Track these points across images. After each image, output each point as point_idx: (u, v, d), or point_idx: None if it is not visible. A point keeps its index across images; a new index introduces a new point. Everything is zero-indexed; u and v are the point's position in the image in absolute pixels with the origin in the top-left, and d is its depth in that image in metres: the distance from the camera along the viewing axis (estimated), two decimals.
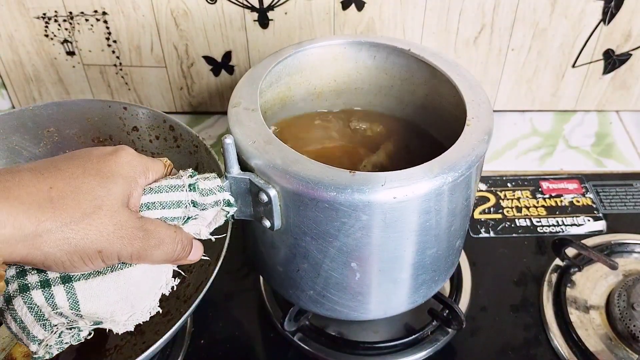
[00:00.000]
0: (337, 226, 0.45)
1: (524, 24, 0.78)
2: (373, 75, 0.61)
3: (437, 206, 0.46)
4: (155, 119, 0.61)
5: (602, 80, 0.86)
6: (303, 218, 0.45)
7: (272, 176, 0.44)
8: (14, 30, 0.78)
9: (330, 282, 0.50)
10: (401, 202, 0.43)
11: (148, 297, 0.43)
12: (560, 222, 0.74)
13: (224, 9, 0.76)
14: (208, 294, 0.49)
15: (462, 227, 0.53)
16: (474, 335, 0.63)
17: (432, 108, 0.58)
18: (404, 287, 0.52)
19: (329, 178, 0.43)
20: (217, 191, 0.45)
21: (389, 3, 0.76)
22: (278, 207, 0.46)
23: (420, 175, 0.44)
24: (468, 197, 0.49)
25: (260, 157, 0.45)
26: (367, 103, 0.63)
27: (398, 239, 0.47)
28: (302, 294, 0.53)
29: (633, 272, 0.67)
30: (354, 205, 0.43)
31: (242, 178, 0.46)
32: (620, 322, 0.61)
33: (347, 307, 0.53)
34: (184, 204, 0.43)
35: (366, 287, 0.51)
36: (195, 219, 0.44)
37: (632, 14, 0.78)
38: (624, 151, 0.85)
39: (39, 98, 0.86)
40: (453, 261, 0.56)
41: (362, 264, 0.48)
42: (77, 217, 0.37)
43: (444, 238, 0.50)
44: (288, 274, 0.52)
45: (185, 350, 0.61)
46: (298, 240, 0.48)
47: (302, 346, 0.61)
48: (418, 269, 0.51)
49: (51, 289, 0.39)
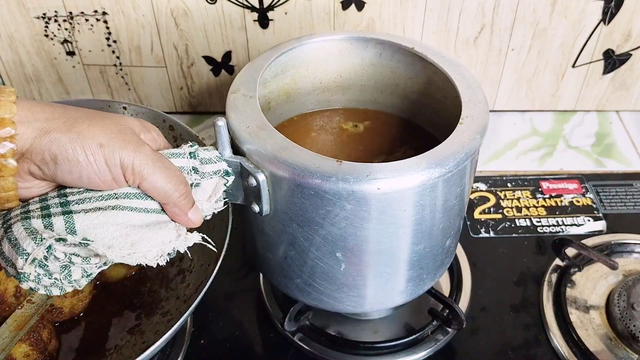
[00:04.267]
0: (322, 214, 0.45)
1: (524, 24, 0.78)
2: (379, 73, 0.61)
3: (423, 201, 0.45)
4: (155, 118, 0.61)
5: (602, 80, 0.86)
6: (290, 204, 0.46)
7: (261, 161, 0.45)
8: (14, 30, 0.78)
9: (316, 271, 0.51)
10: (385, 193, 0.43)
11: (152, 242, 0.43)
12: (560, 222, 0.74)
13: (224, 9, 0.76)
14: (208, 294, 0.49)
15: (453, 226, 0.52)
16: (474, 335, 0.63)
17: (436, 108, 0.58)
18: (390, 282, 0.52)
19: (316, 165, 0.43)
20: (216, 160, 0.46)
21: (389, 3, 0.76)
22: (267, 191, 0.46)
23: (405, 168, 0.44)
24: (459, 196, 0.49)
25: (252, 142, 0.46)
26: (372, 100, 0.63)
27: (383, 232, 0.47)
28: (290, 282, 0.54)
29: (633, 272, 0.67)
30: (338, 193, 0.43)
31: (234, 161, 0.47)
32: (620, 322, 0.61)
33: (333, 299, 0.53)
34: (185, 170, 0.45)
35: (351, 279, 0.51)
36: (197, 186, 0.46)
37: (632, 14, 0.78)
38: (624, 151, 0.85)
39: (39, 98, 0.86)
40: (443, 261, 0.56)
41: (346, 254, 0.48)
42: (85, 116, 0.40)
43: (432, 235, 0.50)
44: (277, 261, 0.53)
45: (185, 350, 0.61)
46: (285, 226, 0.48)
47: (302, 346, 0.61)
48: (404, 265, 0.51)
49: (51, 219, 0.40)
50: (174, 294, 0.61)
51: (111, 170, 0.40)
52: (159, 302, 0.61)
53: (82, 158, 0.39)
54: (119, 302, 0.61)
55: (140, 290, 0.62)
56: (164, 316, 0.59)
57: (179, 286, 0.61)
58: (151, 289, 0.62)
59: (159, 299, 0.61)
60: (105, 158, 0.39)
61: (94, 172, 0.40)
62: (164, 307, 0.60)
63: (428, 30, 0.79)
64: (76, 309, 0.59)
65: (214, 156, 0.46)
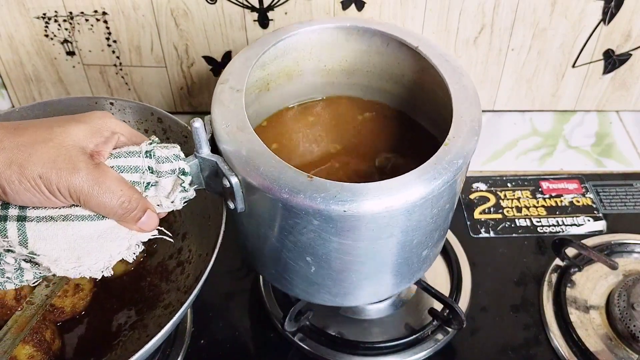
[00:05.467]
0: (291, 224, 0.45)
1: (524, 24, 0.78)
2: (384, 62, 0.60)
3: (393, 223, 0.45)
4: (143, 112, 0.61)
5: (602, 80, 0.86)
6: (261, 210, 0.46)
7: (235, 164, 0.45)
8: (14, 30, 0.78)
9: (288, 268, 0.51)
10: (352, 215, 0.43)
11: (99, 255, 0.44)
12: (560, 222, 0.74)
13: (224, 9, 0.76)
14: (208, 294, 0.49)
15: (431, 239, 0.52)
16: (474, 335, 0.63)
17: (438, 106, 0.57)
18: (362, 286, 0.52)
19: (285, 179, 0.43)
20: (173, 159, 0.46)
21: (389, 3, 0.76)
22: (240, 193, 0.46)
23: (375, 191, 0.43)
24: (437, 215, 0.48)
25: (229, 143, 0.46)
26: (378, 88, 0.62)
27: (351, 247, 0.46)
28: (266, 270, 0.55)
29: (633, 272, 0.67)
30: (305, 210, 0.43)
31: (210, 160, 0.47)
32: (620, 322, 0.61)
33: (305, 292, 0.54)
34: (141, 169, 0.45)
35: (321, 279, 0.51)
36: (155, 186, 0.46)
37: (632, 14, 0.78)
38: (624, 151, 0.85)
39: (39, 98, 0.86)
40: (420, 267, 0.55)
41: (316, 260, 0.48)
42: (28, 142, 0.41)
43: (405, 250, 0.49)
44: (254, 251, 0.54)
45: (185, 350, 0.61)
46: (259, 226, 0.49)
47: (302, 346, 0.61)
48: (376, 273, 0.51)
49: (6, 223, 0.42)
50: (175, 286, 0.61)
51: (55, 196, 0.41)
52: (159, 295, 0.61)
53: (27, 188, 0.41)
54: (120, 298, 0.61)
55: (140, 285, 0.62)
56: (166, 308, 0.59)
57: (179, 278, 0.61)
58: (151, 283, 0.62)
59: (159, 293, 0.61)
60: (47, 187, 0.41)
61: (41, 199, 0.42)
62: (165, 300, 0.60)
63: (428, 30, 0.79)
64: (77, 308, 0.59)
65: (171, 155, 0.46)
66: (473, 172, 0.82)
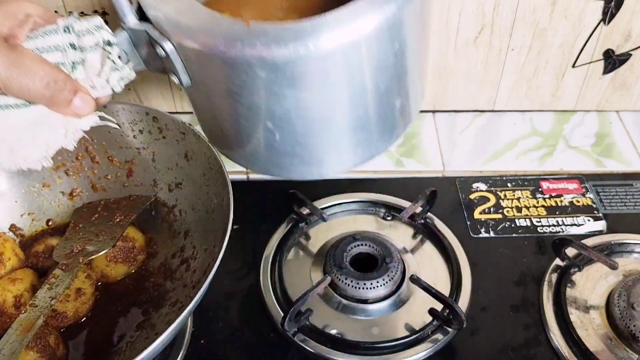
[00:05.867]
0: (238, 84, 0.40)
1: (524, 24, 0.78)
2: None
3: (347, 63, 0.39)
4: (137, 112, 0.60)
5: (602, 80, 0.86)
6: (204, 76, 0.42)
7: (166, 28, 0.41)
8: None
9: (252, 142, 0.46)
10: (299, 58, 0.38)
11: (34, 145, 0.41)
12: (560, 222, 0.74)
13: None
14: (208, 294, 0.49)
15: (402, 86, 0.46)
16: (474, 335, 0.63)
17: None
18: (334, 149, 0.47)
19: (220, 30, 0.38)
20: (94, 30, 0.42)
21: None
22: (180, 62, 0.42)
23: (320, 28, 0.37)
24: (399, 53, 0.42)
25: (156, 6, 0.41)
26: None
27: (310, 99, 0.41)
28: (230, 152, 0.50)
29: (633, 272, 0.67)
30: (247, 61, 0.38)
31: (139, 30, 0.42)
32: (620, 322, 0.61)
33: (279, 167, 0.48)
34: (61, 48, 0.42)
35: (290, 147, 0.45)
36: (82, 65, 0.42)
37: (632, 14, 0.78)
38: (624, 151, 0.85)
39: None
40: (396, 122, 0.49)
41: (277, 124, 0.43)
42: None
43: (373, 99, 0.43)
44: (215, 132, 0.49)
45: (185, 350, 0.61)
46: (210, 97, 0.44)
47: (302, 346, 0.61)
48: (346, 131, 0.45)
49: None
50: (180, 283, 0.60)
51: None
52: (165, 294, 0.60)
53: None
54: (123, 300, 0.61)
55: (143, 286, 0.62)
56: (174, 305, 0.58)
57: (185, 275, 0.60)
58: (155, 283, 0.62)
59: (165, 291, 0.61)
60: None
61: None
62: (172, 298, 0.59)
63: None
64: (80, 312, 0.59)
65: (92, 26, 0.42)
66: (473, 172, 0.82)
